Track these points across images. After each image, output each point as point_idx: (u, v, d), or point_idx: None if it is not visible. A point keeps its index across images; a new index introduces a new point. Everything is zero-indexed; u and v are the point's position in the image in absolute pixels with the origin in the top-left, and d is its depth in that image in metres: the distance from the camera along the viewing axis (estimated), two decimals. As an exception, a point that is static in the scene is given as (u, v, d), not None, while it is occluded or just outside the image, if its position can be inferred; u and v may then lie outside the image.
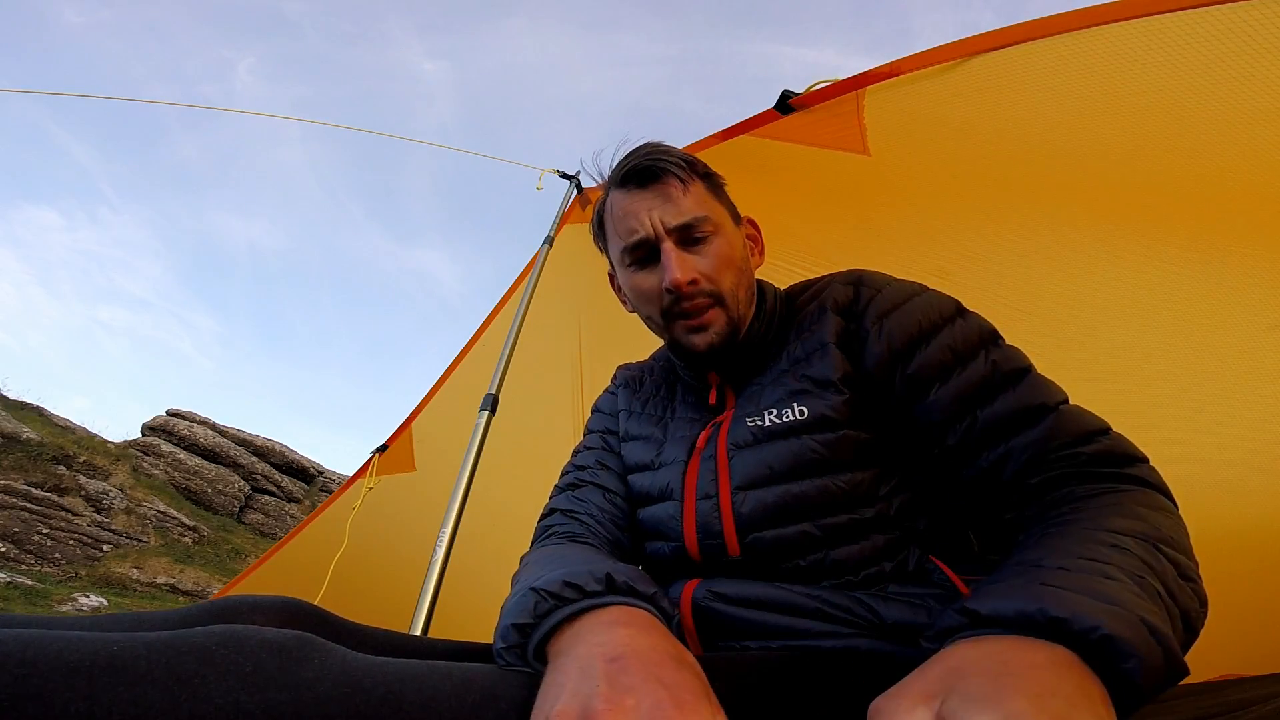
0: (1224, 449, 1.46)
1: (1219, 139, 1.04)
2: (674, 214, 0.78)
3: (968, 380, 0.68)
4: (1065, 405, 0.66)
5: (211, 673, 0.38)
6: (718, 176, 0.87)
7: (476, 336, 2.58)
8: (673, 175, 0.79)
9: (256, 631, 0.42)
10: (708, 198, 0.82)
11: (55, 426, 12.12)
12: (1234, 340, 1.33)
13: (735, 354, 0.82)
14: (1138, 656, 0.37)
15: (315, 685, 0.39)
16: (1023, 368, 0.69)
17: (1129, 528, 0.51)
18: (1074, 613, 0.38)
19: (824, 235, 1.79)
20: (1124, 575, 0.44)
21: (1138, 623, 0.39)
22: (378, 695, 0.40)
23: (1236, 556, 1.56)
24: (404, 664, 0.43)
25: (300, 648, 0.41)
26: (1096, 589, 0.42)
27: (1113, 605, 0.40)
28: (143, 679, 0.36)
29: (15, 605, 6.80)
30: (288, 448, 15.83)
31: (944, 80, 1.16)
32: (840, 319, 0.77)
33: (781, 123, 1.43)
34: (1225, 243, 1.22)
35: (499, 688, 0.44)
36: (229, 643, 0.40)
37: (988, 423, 0.65)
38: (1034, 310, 1.54)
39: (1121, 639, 0.37)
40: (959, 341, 0.71)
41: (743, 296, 0.81)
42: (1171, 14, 0.89)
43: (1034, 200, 1.38)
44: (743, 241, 0.86)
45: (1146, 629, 0.39)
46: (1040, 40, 1.02)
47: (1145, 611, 0.40)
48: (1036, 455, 0.63)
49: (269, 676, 0.39)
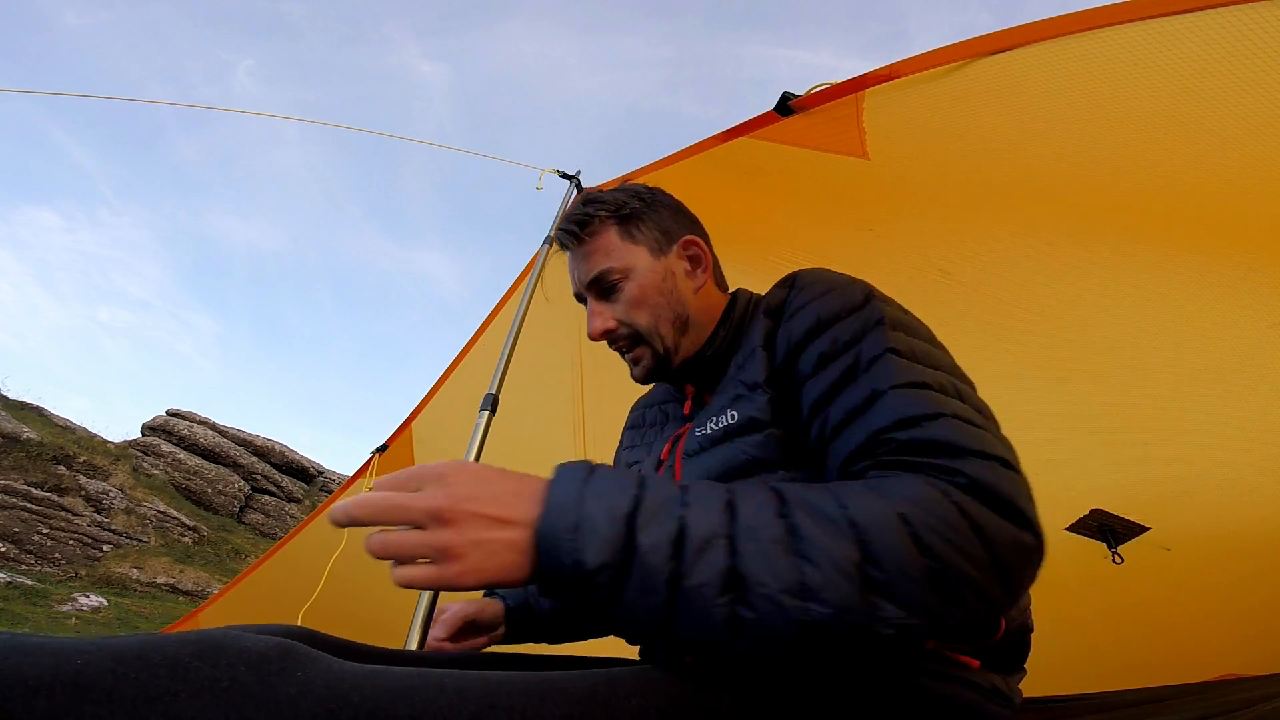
0: (1224, 449, 1.46)
1: (1220, 142, 1.04)
2: (586, 271, 0.88)
3: (831, 376, 0.66)
4: (899, 389, 0.61)
5: (184, 689, 0.35)
6: (642, 209, 0.89)
7: (476, 337, 2.58)
8: (582, 236, 0.88)
9: (235, 639, 0.39)
10: (618, 245, 0.87)
11: (55, 426, 12.11)
12: (1234, 340, 1.33)
13: (702, 366, 0.87)
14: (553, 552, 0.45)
15: (296, 702, 0.37)
16: (880, 353, 0.64)
17: (806, 499, 0.50)
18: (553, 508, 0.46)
19: (824, 237, 1.79)
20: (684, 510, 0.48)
21: (570, 529, 0.45)
22: (365, 711, 0.38)
23: (1236, 557, 1.57)
24: (394, 675, 0.41)
25: (282, 658, 0.39)
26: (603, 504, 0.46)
27: (585, 523, 0.45)
28: (109, 698, 0.34)
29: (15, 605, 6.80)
30: (288, 448, 15.83)
31: (944, 84, 1.16)
32: (769, 320, 0.78)
33: (781, 125, 1.43)
34: (1225, 243, 1.22)
35: (496, 698, 0.42)
36: (204, 653, 0.37)
37: (835, 417, 0.64)
38: (1034, 310, 1.54)
39: (548, 533, 0.45)
40: (844, 334, 0.69)
41: (665, 328, 0.86)
42: (1172, 17, 0.89)
43: (1034, 202, 1.38)
44: (665, 273, 0.88)
45: (569, 534, 0.45)
46: (1040, 43, 1.02)
47: (599, 531, 0.45)
48: (862, 442, 0.60)
49: (247, 693, 0.36)
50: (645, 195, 0.91)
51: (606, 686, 0.47)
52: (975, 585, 0.48)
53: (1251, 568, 1.54)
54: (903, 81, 1.20)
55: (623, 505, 0.46)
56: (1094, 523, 1.68)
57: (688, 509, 0.47)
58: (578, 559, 0.44)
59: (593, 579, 0.44)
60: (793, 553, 0.46)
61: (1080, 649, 1.85)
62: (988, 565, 0.49)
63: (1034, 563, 0.52)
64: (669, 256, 0.89)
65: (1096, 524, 1.67)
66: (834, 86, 1.30)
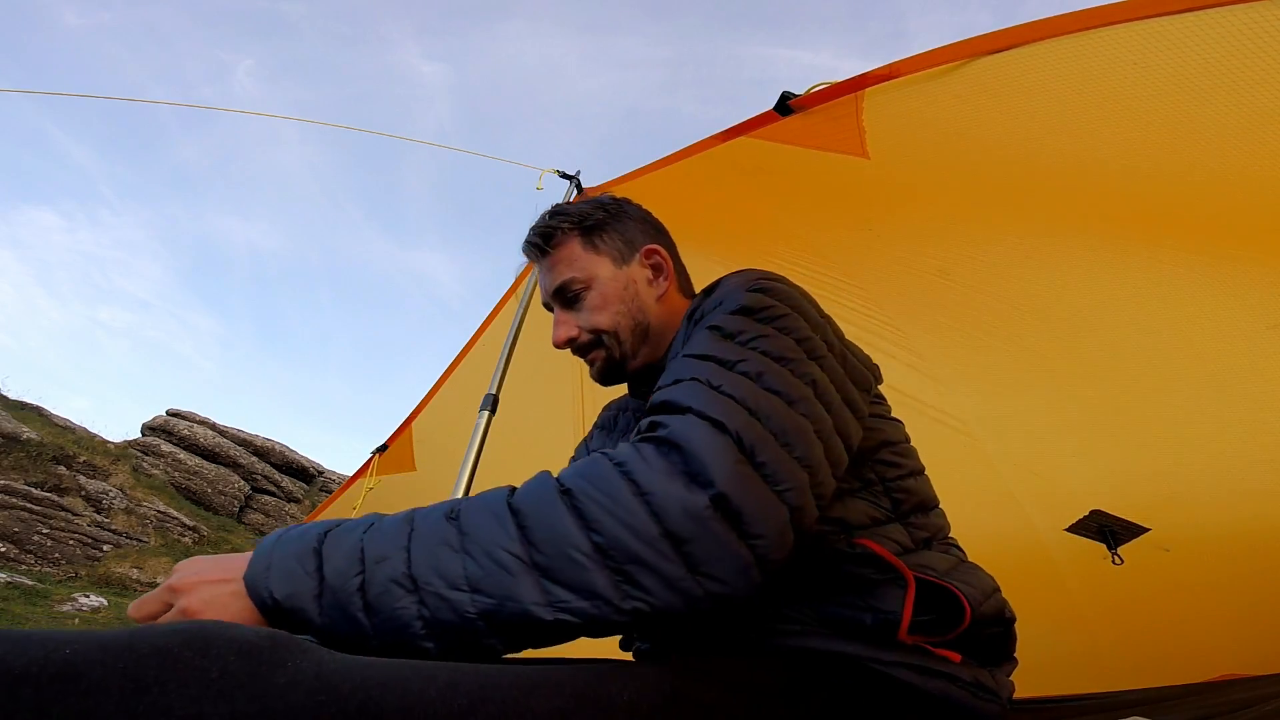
0: (1224, 450, 1.46)
1: (1220, 142, 1.04)
2: (551, 281, 0.91)
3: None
4: (686, 359, 0.65)
5: (173, 680, 0.35)
6: (605, 219, 0.92)
7: (476, 337, 2.58)
8: (546, 248, 0.91)
9: (225, 629, 0.39)
10: (580, 255, 0.90)
11: (55, 426, 12.11)
12: (1234, 341, 1.33)
13: (657, 373, 0.88)
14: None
15: (287, 693, 0.36)
16: (706, 329, 0.68)
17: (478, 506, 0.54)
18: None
19: (824, 236, 1.79)
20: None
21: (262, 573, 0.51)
22: (355, 704, 0.37)
23: (1236, 557, 1.57)
24: (386, 665, 0.41)
25: (274, 649, 0.39)
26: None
27: (275, 564, 0.52)
28: (97, 688, 0.33)
29: (15, 605, 6.79)
30: (288, 448, 15.82)
31: (944, 83, 1.16)
32: (687, 323, 0.79)
33: (781, 124, 1.43)
34: (1225, 243, 1.22)
35: (488, 690, 0.42)
36: (194, 642, 0.37)
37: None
38: (1035, 310, 1.54)
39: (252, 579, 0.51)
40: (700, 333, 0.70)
41: (625, 334, 0.89)
42: (1171, 16, 0.89)
43: (1035, 201, 1.38)
44: (627, 281, 0.90)
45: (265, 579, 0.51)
46: (1040, 43, 1.02)
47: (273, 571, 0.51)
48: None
49: (237, 683, 0.36)
50: (610, 206, 0.94)
51: (597, 681, 0.47)
52: (645, 562, 0.49)
53: (1251, 568, 1.53)
54: (902, 81, 1.19)
55: (310, 543, 0.52)
56: (1094, 523, 1.68)
57: (369, 531, 0.53)
58: (271, 592, 0.50)
59: (293, 605, 0.49)
60: (459, 550, 0.51)
61: (1080, 649, 1.84)
62: (658, 538, 0.50)
63: (713, 530, 0.51)
64: (631, 265, 0.91)
65: (1096, 525, 1.67)
66: (834, 86, 1.30)
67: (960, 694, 0.63)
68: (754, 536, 0.52)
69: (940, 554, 0.72)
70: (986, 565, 0.76)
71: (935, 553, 0.72)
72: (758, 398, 0.59)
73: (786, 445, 0.57)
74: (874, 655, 0.62)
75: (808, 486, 0.57)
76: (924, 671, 0.62)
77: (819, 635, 0.64)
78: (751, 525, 0.52)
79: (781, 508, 0.54)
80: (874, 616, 0.62)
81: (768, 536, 0.52)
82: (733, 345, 0.65)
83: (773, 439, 0.57)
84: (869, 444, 0.73)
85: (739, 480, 0.53)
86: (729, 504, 0.52)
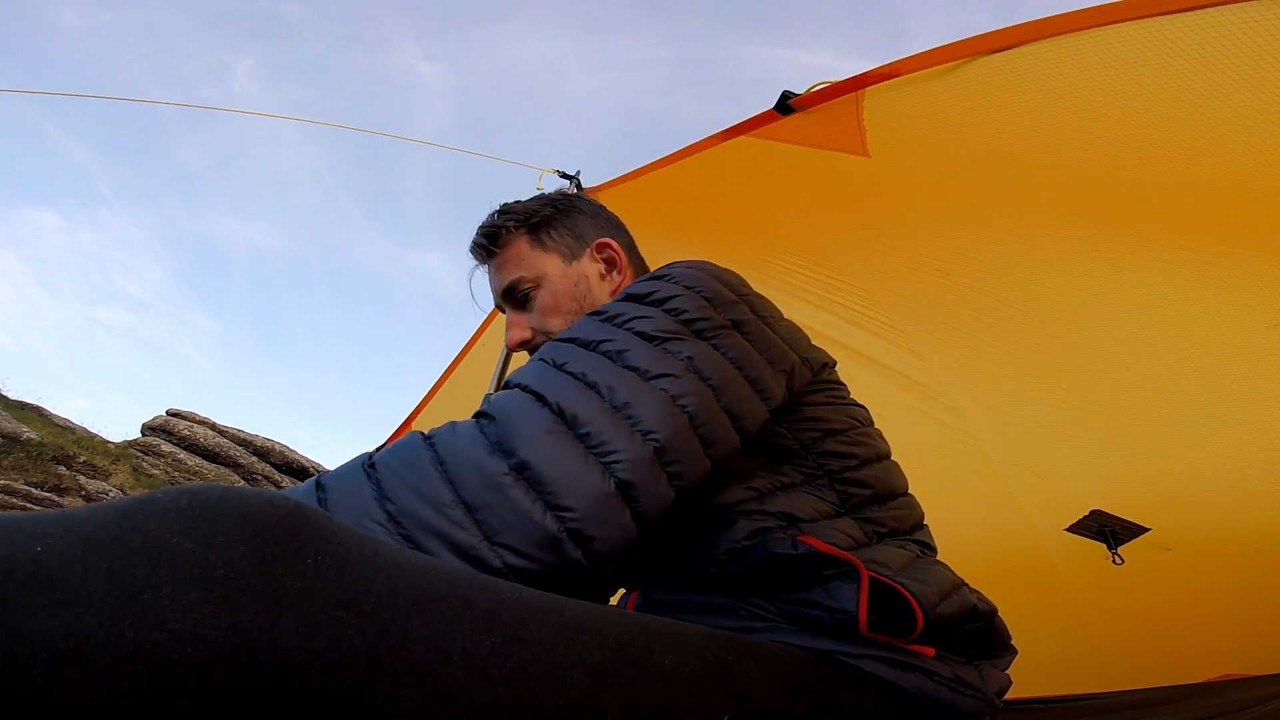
0: (1224, 448, 1.46)
1: (1220, 141, 1.04)
2: (500, 282, 0.89)
3: None
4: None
5: (168, 580, 0.28)
6: (553, 215, 0.91)
7: (476, 336, 2.58)
8: (492, 249, 0.89)
9: (238, 501, 0.32)
10: (527, 253, 0.88)
11: (55, 426, 12.12)
12: (1234, 340, 1.33)
13: None
14: None
15: (299, 603, 0.31)
16: (574, 329, 0.67)
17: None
18: None
19: (824, 236, 1.79)
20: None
21: None
22: (376, 626, 0.32)
23: (1236, 557, 1.56)
24: (422, 575, 0.36)
25: (293, 534, 0.32)
26: None
27: None
28: (75, 596, 0.27)
29: (15, 605, 6.80)
30: (288, 448, 15.81)
31: (944, 82, 1.16)
32: None
33: (781, 124, 1.43)
34: (1226, 243, 1.22)
35: (525, 628, 0.38)
36: (197, 528, 0.30)
37: None
38: (1035, 310, 1.54)
39: None
40: None
41: None
42: (1171, 15, 0.89)
43: (1035, 201, 1.38)
44: (578, 278, 0.89)
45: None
46: (1040, 42, 1.02)
47: None
48: None
49: (244, 583, 0.30)
50: (558, 202, 0.92)
51: (642, 637, 0.45)
52: (436, 530, 0.47)
53: (1251, 568, 1.53)
54: (903, 80, 1.19)
55: None
56: (1094, 523, 1.67)
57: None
58: None
59: None
60: None
61: (1080, 649, 1.84)
62: (450, 504, 0.48)
63: (510, 498, 0.48)
64: (582, 261, 0.90)
65: (1096, 525, 1.67)
66: (834, 85, 1.30)
67: (937, 689, 0.59)
68: (562, 509, 0.49)
69: (896, 549, 0.68)
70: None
71: (890, 548, 0.68)
72: (608, 374, 0.57)
73: (629, 418, 0.54)
74: (842, 650, 0.59)
75: (652, 461, 0.54)
76: (897, 665, 0.59)
77: (784, 630, 0.62)
78: (559, 496, 0.49)
79: (604, 479, 0.51)
80: (831, 616, 0.59)
81: (579, 509, 0.49)
82: (605, 326, 0.64)
83: (610, 411, 0.54)
84: (810, 435, 0.71)
85: (546, 448, 0.50)
86: (530, 470, 0.49)
